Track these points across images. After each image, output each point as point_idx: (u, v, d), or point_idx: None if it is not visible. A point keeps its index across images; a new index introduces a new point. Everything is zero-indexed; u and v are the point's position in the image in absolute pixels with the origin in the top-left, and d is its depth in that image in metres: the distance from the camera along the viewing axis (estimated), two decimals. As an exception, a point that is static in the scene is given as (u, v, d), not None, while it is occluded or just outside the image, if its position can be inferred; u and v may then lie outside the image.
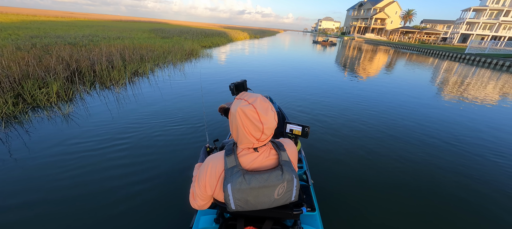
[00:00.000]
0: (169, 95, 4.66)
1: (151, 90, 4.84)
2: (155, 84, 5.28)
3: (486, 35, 42.03)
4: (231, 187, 0.77)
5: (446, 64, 15.70)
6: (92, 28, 17.00)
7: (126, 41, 10.12)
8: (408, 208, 2.12)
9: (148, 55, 7.56)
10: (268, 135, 0.82)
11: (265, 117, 0.78)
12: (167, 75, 6.19)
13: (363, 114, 4.39)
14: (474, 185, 2.52)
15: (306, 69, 9.43)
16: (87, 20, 33.75)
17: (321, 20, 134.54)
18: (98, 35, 10.83)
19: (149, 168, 2.43)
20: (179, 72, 6.72)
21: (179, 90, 5.05)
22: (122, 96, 4.37)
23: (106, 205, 1.92)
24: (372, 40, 44.97)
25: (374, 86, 6.92)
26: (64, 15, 53.56)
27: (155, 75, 6.00)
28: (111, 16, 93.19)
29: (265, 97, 0.83)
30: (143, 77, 5.71)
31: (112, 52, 6.29)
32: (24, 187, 2.05)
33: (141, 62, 6.64)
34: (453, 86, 7.94)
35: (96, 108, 3.79)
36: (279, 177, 0.80)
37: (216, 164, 0.84)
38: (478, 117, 4.75)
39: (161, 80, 5.60)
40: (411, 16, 61.16)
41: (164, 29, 20.16)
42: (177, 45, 10.35)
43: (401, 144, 3.28)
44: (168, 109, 3.97)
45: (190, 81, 5.89)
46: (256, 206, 0.82)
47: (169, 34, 16.11)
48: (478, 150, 3.30)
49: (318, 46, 24.59)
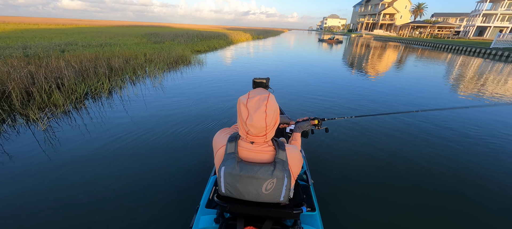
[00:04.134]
0: (155, 104, 4.35)
1: (120, 109, 4.03)
2: (126, 100, 4.21)
3: (505, 27, 39.33)
4: (224, 170, 0.84)
5: (468, 60, 13.93)
6: (85, 34, 16.19)
7: (107, 48, 9.04)
8: (408, 208, 2.08)
9: (124, 66, 6.41)
10: (255, 134, 0.84)
11: (252, 116, 0.80)
12: (134, 94, 4.94)
13: (364, 114, 4.24)
14: (474, 182, 2.47)
15: (309, 68, 9.23)
16: (90, 27, 33.47)
17: (327, 18, 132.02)
18: (77, 43, 9.77)
19: (149, 168, 2.44)
20: (153, 87, 5.49)
21: (157, 105, 4.35)
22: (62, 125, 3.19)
23: (106, 205, 1.91)
24: (381, 37, 42.87)
25: (377, 86, 6.62)
26: (73, 22, 53.88)
27: (123, 91, 4.81)
28: (119, 22, 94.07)
29: (270, 96, 0.86)
30: (100, 97, 4.51)
31: (75, 64, 5.15)
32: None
33: (109, 76, 5.48)
34: (477, 84, 6.97)
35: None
36: (269, 172, 0.82)
37: (220, 140, 0.93)
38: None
39: (128, 97, 4.42)
40: (422, 10, 58.39)
41: (159, 33, 19.12)
42: (164, 51, 9.17)
43: (401, 144, 3.19)
44: (167, 110, 3.98)
45: (170, 95, 4.84)
46: (243, 195, 0.87)
47: (162, 38, 15.02)
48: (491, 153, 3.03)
49: (324, 45, 23.74)
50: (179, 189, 2.13)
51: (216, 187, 1.39)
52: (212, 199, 1.31)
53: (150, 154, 2.69)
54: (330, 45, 23.71)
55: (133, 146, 2.83)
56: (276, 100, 0.92)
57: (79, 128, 3.26)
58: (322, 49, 18.69)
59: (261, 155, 0.88)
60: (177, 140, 3.04)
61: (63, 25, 36.64)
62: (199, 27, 54.24)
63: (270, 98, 0.85)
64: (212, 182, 1.53)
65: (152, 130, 3.27)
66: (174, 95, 4.95)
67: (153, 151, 2.75)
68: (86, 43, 10.11)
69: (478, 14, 41.96)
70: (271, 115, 0.83)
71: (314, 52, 16.30)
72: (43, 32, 16.46)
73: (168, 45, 12.04)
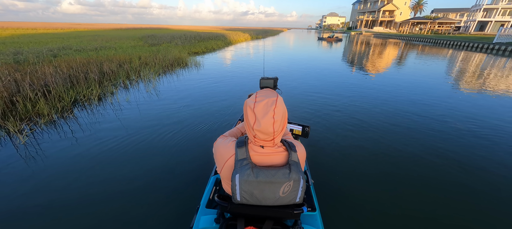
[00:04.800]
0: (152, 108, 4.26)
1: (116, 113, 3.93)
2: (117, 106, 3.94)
3: (506, 22, 38.93)
4: (239, 178, 0.80)
5: (471, 55, 13.65)
6: (81, 38, 16.01)
7: (101, 52, 8.84)
8: (409, 207, 2.04)
9: (117, 70, 6.20)
10: (263, 139, 0.83)
11: (260, 121, 0.79)
12: (126, 100, 4.73)
13: (364, 113, 4.21)
14: (478, 182, 2.36)
15: (308, 67, 9.13)
16: (88, 30, 33.33)
17: (326, 16, 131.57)
18: (71, 47, 9.57)
19: (148, 168, 2.43)
20: (146, 92, 5.28)
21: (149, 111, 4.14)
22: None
23: (105, 206, 1.92)
24: (381, 34, 42.54)
25: (377, 85, 6.43)
26: (71, 26, 53.75)
27: (114, 97, 4.60)
28: (118, 25, 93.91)
29: (278, 99, 0.83)
30: (90, 105, 4.30)
31: (65, 70, 4.94)
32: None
33: (101, 82, 5.27)
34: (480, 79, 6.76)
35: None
36: (286, 175, 0.81)
37: (226, 150, 0.88)
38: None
39: (119, 104, 4.20)
40: (422, 6, 57.97)
41: (156, 35, 18.90)
42: (160, 54, 8.96)
43: (401, 145, 3.11)
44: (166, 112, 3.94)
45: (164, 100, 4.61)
46: (260, 200, 0.84)
47: (159, 40, 14.80)
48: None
49: (324, 43, 23.73)
50: (179, 189, 2.14)
51: (216, 187, 1.44)
52: (213, 199, 1.32)
53: (149, 155, 2.69)
54: (329, 43, 23.66)
55: (132, 148, 2.82)
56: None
57: (66, 135, 3.10)
58: (322, 48, 18.52)
59: (274, 157, 0.86)
60: (176, 140, 3.04)
61: (62, 30, 36.55)
62: (198, 28, 54.00)
63: (278, 102, 0.82)
64: (212, 182, 1.52)
65: (151, 132, 3.26)
66: (171, 96, 4.88)
67: (153, 152, 2.75)
68: (80, 47, 9.90)
69: (478, 9, 41.57)
70: (279, 121, 0.81)
71: (314, 51, 16.12)
72: (39, 37, 16.31)
73: (165, 47, 11.84)
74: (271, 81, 1.14)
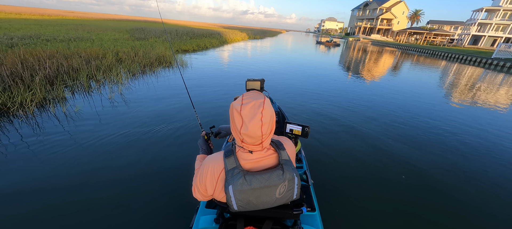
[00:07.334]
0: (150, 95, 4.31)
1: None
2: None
3: (499, 37, 39.61)
4: (233, 189, 0.78)
5: (472, 70, 13.28)
6: (64, 26, 14.76)
7: (73, 44, 7.79)
8: (408, 208, 2.06)
9: (81, 67, 5.25)
10: (251, 143, 0.79)
11: (247, 125, 0.75)
12: (73, 111, 3.80)
13: (363, 115, 4.25)
14: (473, 185, 2.44)
15: (308, 69, 9.25)
16: (74, 19, 31.67)
17: (324, 21, 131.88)
18: (39, 37, 8.42)
19: (147, 168, 2.39)
20: (109, 99, 4.38)
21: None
22: None
23: (105, 206, 1.88)
24: (378, 42, 42.53)
25: (377, 89, 6.63)
26: (60, 13, 51.34)
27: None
28: (115, 16, 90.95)
29: (266, 101, 0.80)
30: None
31: (7, 67, 3.95)
32: None
33: (52, 83, 4.32)
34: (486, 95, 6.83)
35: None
36: (280, 176, 0.80)
37: (215, 165, 0.84)
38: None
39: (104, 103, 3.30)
40: (419, 16, 58.48)
41: (145, 28, 17.76)
42: (142, 49, 8.00)
43: (401, 145, 3.13)
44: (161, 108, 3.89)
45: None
46: (258, 206, 0.83)
47: (147, 34, 13.73)
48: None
49: (322, 47, 23.80)
50: (179, 189, 2.10)
51: None
52: (212, 199, 1.24)
53: (149, 155, 2.59)
54: (327, 47, 23.67)
55: (132, 148, 2.72)
56: (278, 100, 0.74)
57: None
58: (321, 52, 18.09)
59: (265, 161, 0.83)
60: (176, 140, 2.95)
61: (48, 16, 34.69)
62: (196, 24, 52.75)
63: (265, 104, 0.79)
64: None
65: (149, 129, 3.15)
66: (169, 97, 4.63)
67: (153, 152, 2.66)
68: (52, 37, 8.81)
69: (473, 23, 42.11)
70: (267, 123, 0.78)
71: (314, 55, 15.58)
72: (15, 23, 14.95)
73: (151, 42, 10.85)
74: (257, 83, 1.04)
